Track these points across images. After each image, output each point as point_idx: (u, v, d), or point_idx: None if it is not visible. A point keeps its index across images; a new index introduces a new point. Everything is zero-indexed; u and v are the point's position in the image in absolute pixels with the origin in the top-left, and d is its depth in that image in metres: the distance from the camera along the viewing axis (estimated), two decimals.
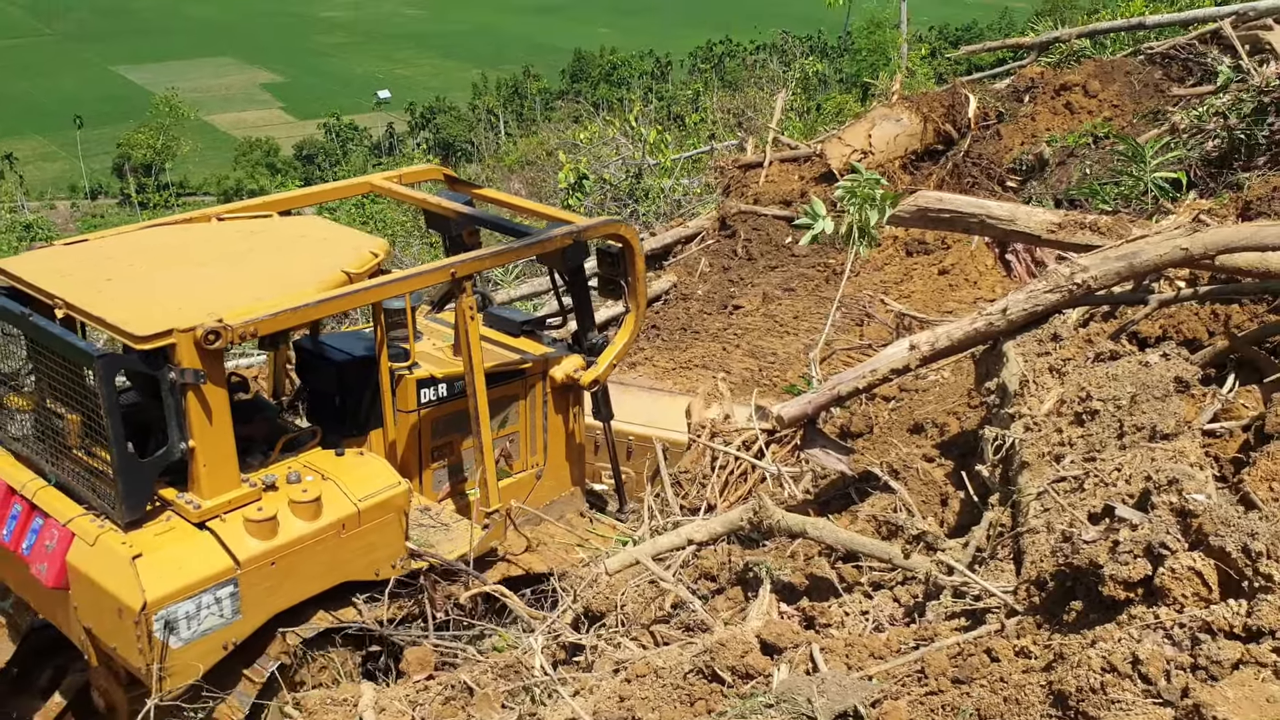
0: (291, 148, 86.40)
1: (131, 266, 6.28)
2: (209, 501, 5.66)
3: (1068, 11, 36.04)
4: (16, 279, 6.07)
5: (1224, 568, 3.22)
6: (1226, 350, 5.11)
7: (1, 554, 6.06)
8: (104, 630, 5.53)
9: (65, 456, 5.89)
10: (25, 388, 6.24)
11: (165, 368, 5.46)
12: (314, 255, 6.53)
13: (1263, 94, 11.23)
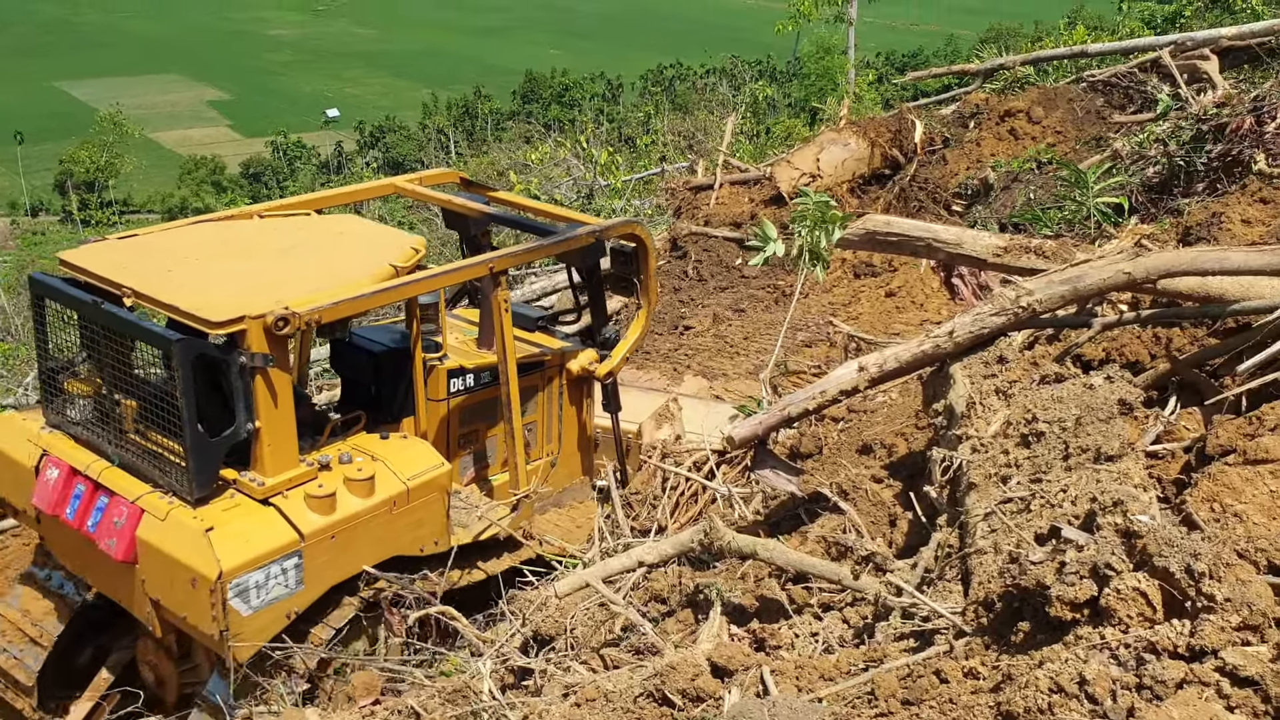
0: (238, 166, 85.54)
1: (188, 259, 6.62)
2: (272, 479, 6.03)
3: (1012, 39, 36.71)
4: (81, 270, 6.39)
5: (1168, 588, 3.26)
6: (1168, 373, 5.19)
7: (62, 533, 6.42)
8: (174, 600, 5.83)
9: (132, 437, 6.21)
10: (88, 373, 6.57)
11: (236, 352, 5.83)
12: (361, 250, 6.95)
13: (1201, 122, 11.49)
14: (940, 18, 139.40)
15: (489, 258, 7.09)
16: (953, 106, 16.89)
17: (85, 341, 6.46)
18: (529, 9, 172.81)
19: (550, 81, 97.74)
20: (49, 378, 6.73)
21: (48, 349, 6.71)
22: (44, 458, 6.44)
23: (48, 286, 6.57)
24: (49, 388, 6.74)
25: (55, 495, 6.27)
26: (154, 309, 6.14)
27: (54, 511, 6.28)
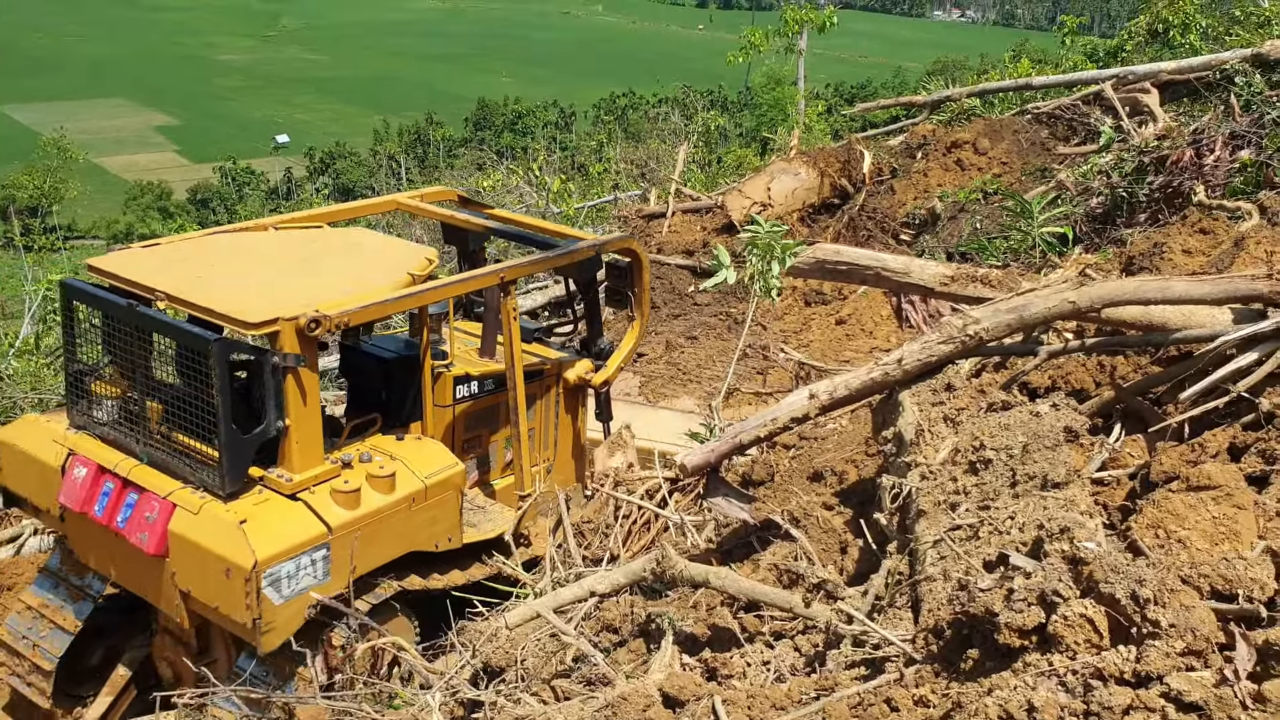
0: (186, 191, 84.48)
1: (214, 266, 6.96)
2: (300, 475, 6.33)
3: (958, 72, 37.33)
4: (111, 275, 6.73)
5: (1114, 614, 3.29)
6: (1113, 400, 5.27)
7: (87, 530, 6.67)
8: (205, 591, 6.08)
9: (162, 436, 6.49)
10: (114, 375, 6.82)
11: (269, 352, 6.14)
12: (378, 259, 7.37)
13: (1143, 154, 11.74)
14: (888, 50, 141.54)
15: (500, 268, 7.54)
16: (900, 137, 17.13)
17: (115, 344, 6.70)
18: (482, 37, 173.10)
19: (503, 109, 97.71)
20: (75, 380, 6.98)
21: (75, 352, 6.96)
22: (70, 457, 6.67)
23: (79, 291, 6.85)
24: (75, 390, 6.98)
25: (83, 493, 6.49)
26: (186, 312, 6.46)
27: (82, 509, 6.47)
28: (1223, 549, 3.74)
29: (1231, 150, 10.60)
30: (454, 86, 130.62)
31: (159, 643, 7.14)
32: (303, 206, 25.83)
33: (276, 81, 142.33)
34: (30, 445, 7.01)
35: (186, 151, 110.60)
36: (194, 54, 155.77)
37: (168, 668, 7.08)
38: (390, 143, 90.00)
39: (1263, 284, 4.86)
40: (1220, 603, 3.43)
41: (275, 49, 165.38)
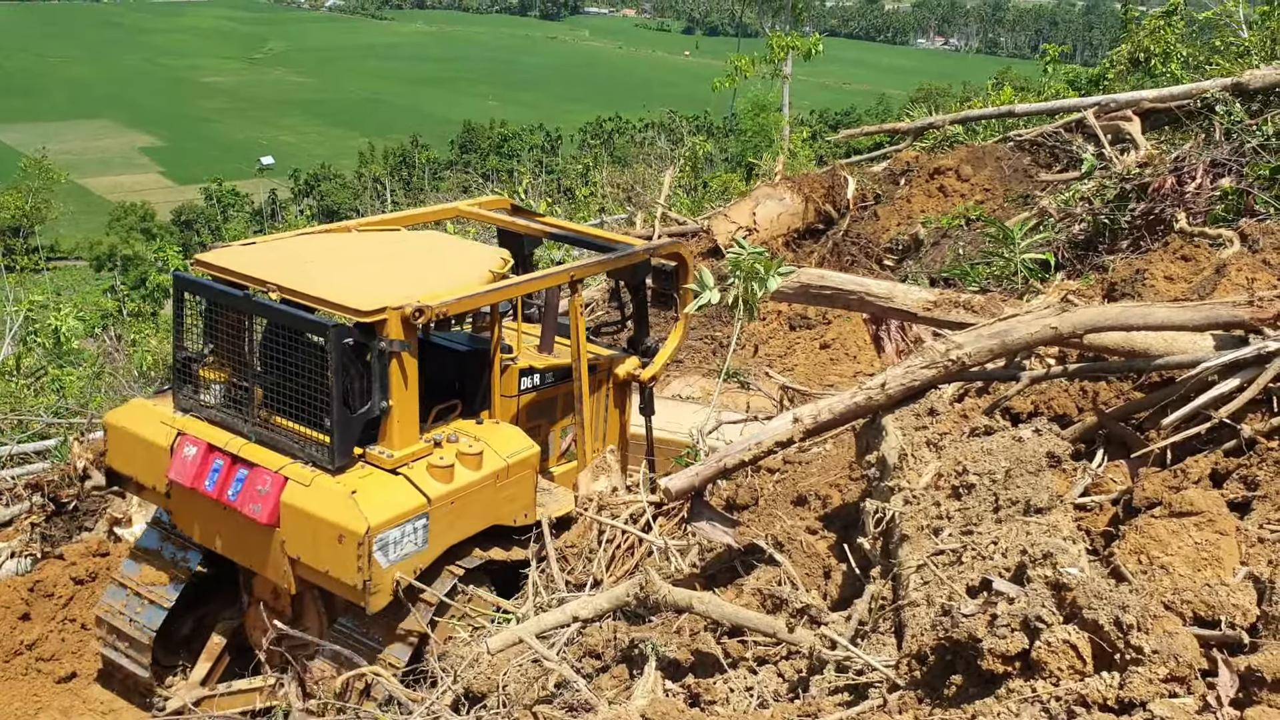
0: (170, 213, 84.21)
1: (314, 262, 7.54)
2: (400, 452, 6.88)
3: (941, 99, 37.61)
4: (222, 269, 7.30)
5: (1097, 640, 3.29)
6: (1095, 426, 5.28)
7: (194, 504, 7.21)
8: (316, 556, 6.64)
9: (271, 415, 7.04)
10: (223, 360, 7.38)
11: (377, 338, 6.67)
12: (462, 258, 8.09)
13: (1124, 181, 11.81)
14: (872, 77, 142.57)
15: (569, 268, 8.23)
16: (884, 164, 17.22)
17: (226, 331, 7.30)
18: (468, 61, 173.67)
19: (489, 132, 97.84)
20: (183, 367, 7.52)
21: (183, 341, 7.56)
22: (180, 437, 7.20)
23: (191, 282, 7.50)
24: (182, 376, 7.52)
25: (194, 469, 7.03)
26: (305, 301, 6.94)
27: (193, 484, 7.01)
28: (1205, 575, 3.75)
29: (1212, 178, 10.68)
30: (440, 109, 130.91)
31: (252, 612, 7.65)
32: (288, 228, 25.81)
33: (262, 103, 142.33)
34: (139, 427, 7.55)
35: (171, 173, 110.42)
36: (179, 76, 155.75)
37: (262, 635, 7.44)
38: (375, 165, 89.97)
39: (1244, 310, 4.89)
40: (1203, 629, 3.43)
41: (261, 71, 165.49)
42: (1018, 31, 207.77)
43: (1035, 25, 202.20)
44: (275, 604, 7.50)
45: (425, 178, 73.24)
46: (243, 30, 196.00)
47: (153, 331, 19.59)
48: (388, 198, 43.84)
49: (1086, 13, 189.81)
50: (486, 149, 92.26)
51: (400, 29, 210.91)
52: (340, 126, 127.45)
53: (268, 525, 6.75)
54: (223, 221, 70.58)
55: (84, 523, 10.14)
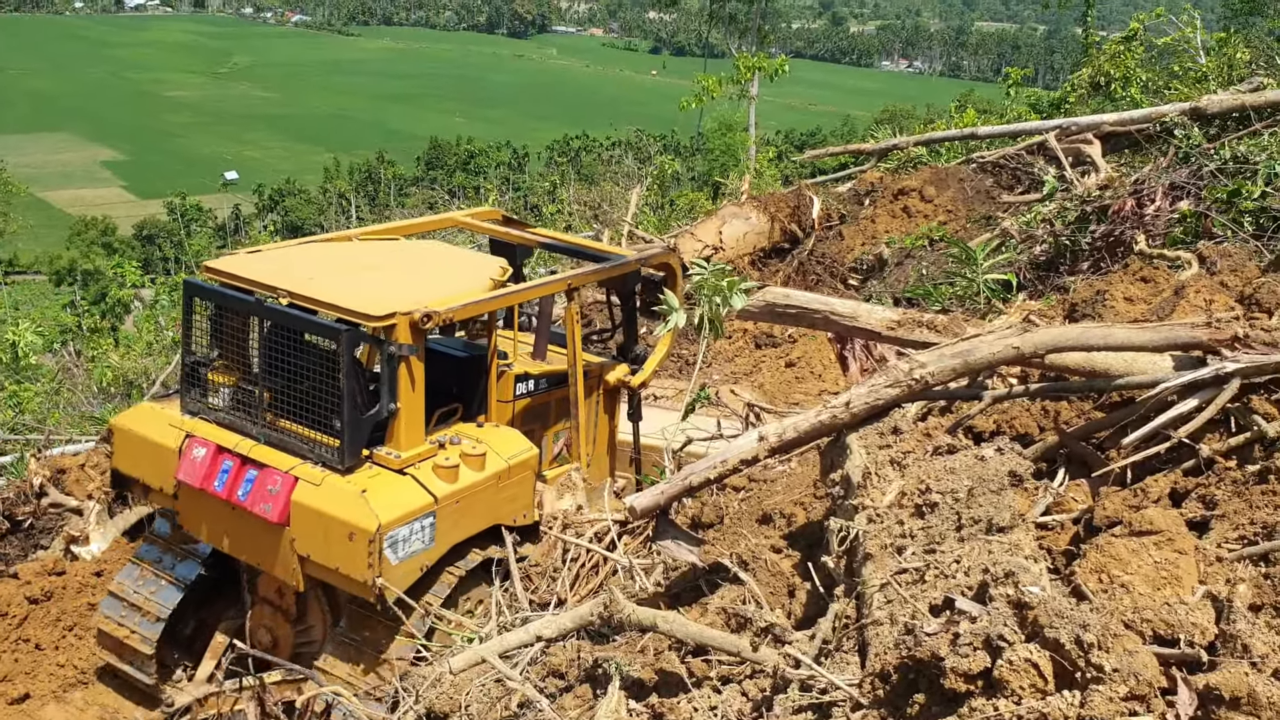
0: (132, 227, 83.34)
1: (320, 269, 7.74)
2: (406, 453, 7.08)
3: (905, 121, 37.95)
4: (231, 276, 7.50)
5: (1058, 659, 3.30)
6: (1056, 445, 5.32)
7: (202, 505, 7.37)
8: (326, 554, 6.79)
9: (281, 418, 7.23)
10: (230, 364, 7.57)
11: (386, 342, 6.90)
12: (463, 266, 8.37)
13: (1085, 203, 11.95)
14: (837, 99, 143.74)
15: (566, 276, 8.53)
16: (849, 184, 17.33)
17: (236, 336, 7.52)
18: (435, 78, 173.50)
19: (455, 148, 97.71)
20: (191, 371, 7.71)
21: (191, 345, 7.75)
22: (188, 439, 7.36)
23: (201, 288, 7.69)
24: (190, 379, 7.70)
25: (203, 471, 7.19)
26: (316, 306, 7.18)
27: (202, 485, 7.17)
28: (1165, 594, 3.78)
29: (1171, 201, 10.83)
30: (406, 125, 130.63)
31: (257, 612, 7.86)
32: (252, 244, 25.69)
33: (226, 118, 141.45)
34: (146, 429, 7.72)
35: (133, 187, 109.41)
36: (143, 90, 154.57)
37: (266, 634, 7.79)
38: (340, 180, 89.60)
39: (1202, 332, 4.96)
40: (1162, 647, 3.46)
41: (226, 86, 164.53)
42: (980, 55, 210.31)
43: (998, 49, 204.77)
44: (279, 603, 7.74)
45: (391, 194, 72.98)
46: (208, 44, 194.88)
47: (111, 347, 19.37)
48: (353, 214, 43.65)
49: (1048, 37, 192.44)
50: (453, 165, 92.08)
51: (367, 45, 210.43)
52: (305, 142, 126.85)
53: (278, 524, 6.91)
54: (185, 236, 69.95)
55: (40, 541, 9.97)
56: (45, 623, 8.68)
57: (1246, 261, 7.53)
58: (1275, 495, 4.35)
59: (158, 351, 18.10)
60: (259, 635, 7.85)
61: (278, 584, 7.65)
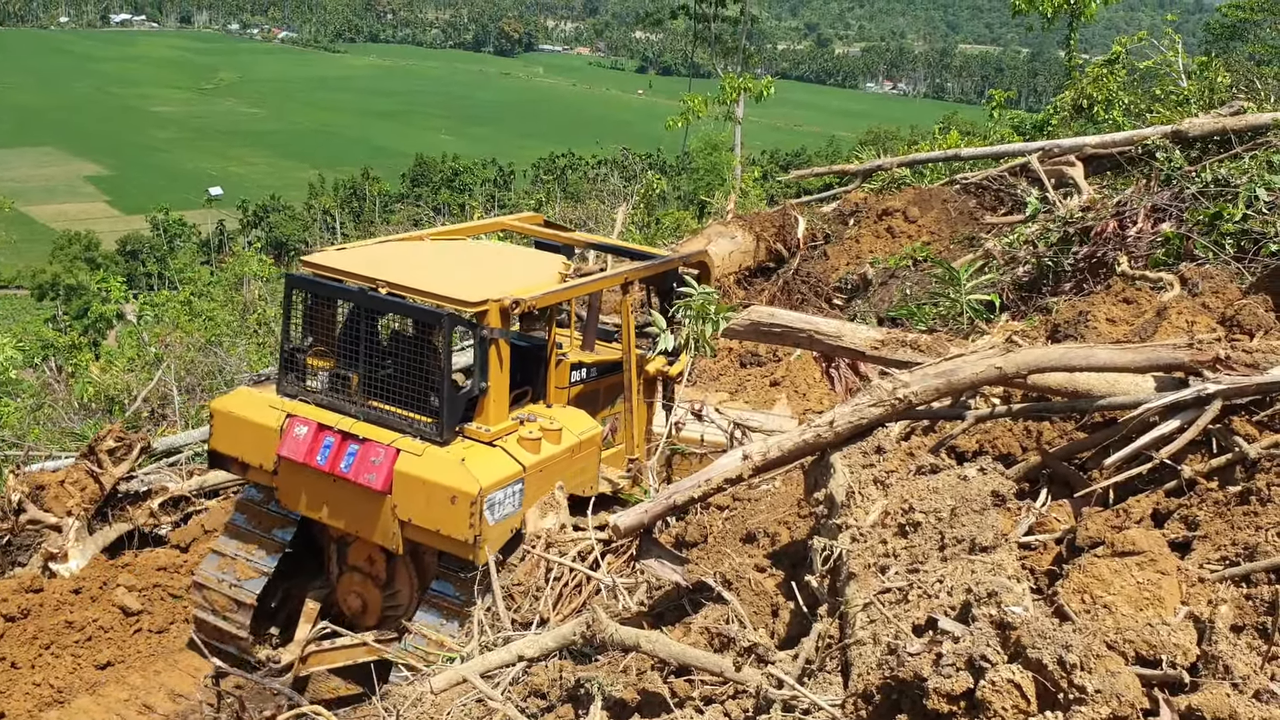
0: (115, 242, 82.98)
1: (409, 263, 8.51)
2: (494, 427, 7.83)
3: (889, 142, 38.15)
4: (332, 269, 8.25)
5: (1041, 680, 3.30)
6: (1039, 465, 5.33)
7: (302, 479, 7.99)
8: (428, 517, 7.47)
9: (379, 397, 7.93)
10: (330, 349, 8.28)
11: (479, 327, 7.68)
12: (532, 262, 9.30)
13: (1068, 224, 12.02)
14: (822, 120, 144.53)
15: (624, 271, 9.21)
16: (834, 204, 17.41)
17: (335, 324, 8.26)
18: (421, 94, 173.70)
19: (441, 165, 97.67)
20: (289, 357, 8.38)
21: (290, 333, 8.44)
22: (289, 419, 7.99)
23: (304, 281, 8.37)
24: (288, 365, 8.38)
25: (305, 446, 7.82)
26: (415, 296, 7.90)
27: (305, 460, 7.81)
28: (1147, 614, 3.78)
29: (1153, 223, 10.89)
30: (392, 142, 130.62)
31: (346, 580, 8.53)
32: (236, 260, 25.69)
33: (211, 134, 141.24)
34: (246, 411, 8.34)
35: (117, 202, 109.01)
36: (128, 104, 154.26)
37: (356, 600, 8.47)
38: (325, 197, 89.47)
39: (1184, 353, 4.98)
40: (1145, 668, 3.46)
41: (211, 101, 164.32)
42: (964, 77, 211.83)
43: (981, 71, 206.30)
44: (369, 570, 8.37)
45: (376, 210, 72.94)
46: (194, 60, 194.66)
47: (93, 362, 19.26)
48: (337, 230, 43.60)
49: (1031, 60, 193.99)
50: (438, 182, 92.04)
51: (353, 62, 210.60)
52: (290, 158, 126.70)
53: (380, 493, 7.55)
54: (169, 252, 69.72)
55: (17, 558, 9.88)
56: (22, 641, 8.60)
57: (1228, 283, 7.57)
58: (1256, 516, 4.36)
59: (140, 367, 18.01)
60: (349, 601, 8.52)
61: (368, 552, 8.32)
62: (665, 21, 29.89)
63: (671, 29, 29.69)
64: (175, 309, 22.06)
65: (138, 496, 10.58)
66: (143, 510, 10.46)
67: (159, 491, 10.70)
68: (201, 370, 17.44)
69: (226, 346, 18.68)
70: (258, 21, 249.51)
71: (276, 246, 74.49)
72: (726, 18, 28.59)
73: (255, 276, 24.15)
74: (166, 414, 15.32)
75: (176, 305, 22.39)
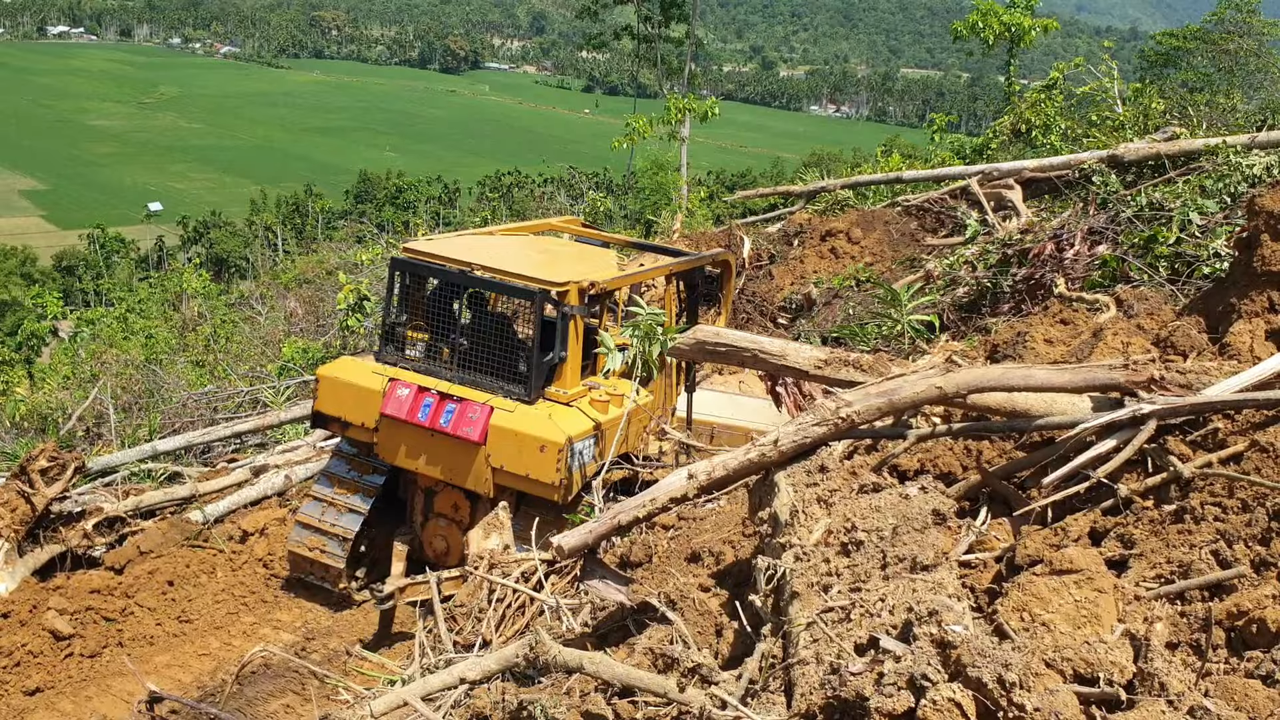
0: (51, 258, 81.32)
1: (493, 252, 9.88)
2: (570, 391, 9.28)
3: (833, 163, 38.54)
4: (430, 255, 9.70)
5: (981, 698, 3.32)
6: (979, 484, 5.38)
7: (402, 434, 9.33)
8: (519, 464, 8.86)
9: (472, 363, 9.40)
10: (427, 322, 9.73)
11: (561, 304, 9.10)
12: (591, 254, 10.87)
13: (1006, 246, 12.20)
14: (767, 141, 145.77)
15: (667, 264, 10.85)
16: (779, 225, 17.53)
17: (433, 301, 9.72)
18: (366, 111, 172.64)
19: (385, 182, 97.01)
20: (390, 330, 9.88)
21: (390, 310, 9.90)
22: (391, 382, 9.40)
23: (410, 264, 9.80)
24: (389, 337, 9.88)
25: (408, 405, 9.20)
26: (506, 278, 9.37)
27: (408, 417, 9.20)
28: (1084, 632, 3.82)
29: (1090, 245, 11.08)
30: (335, 159, 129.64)
31: (431, 526, 9.92)
32: (176, 276, 25.33)
33: (151, 148, 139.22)
34: (351, 377, 9.74)
35: (53, 217, 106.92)
36: (65, 118, 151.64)
37: (441, 542, 9.83)
38: (267, 213, 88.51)
39: (1119, 373, 5.06)
40: (1082, 686, 3.49)
41: (151, 116, 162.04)
42: (906, 101, 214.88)
43: (923, 95, 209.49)
44: (454, 516, 9.76)
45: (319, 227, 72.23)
46: (134, 74, 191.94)
47: (24, 380, 18.83)
48: (279, 247, 43.10)
49: (971, 85, 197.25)
50: (382, 199, 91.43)
51: (297, 78, 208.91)
52: (232, 174, 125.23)
53: (476, 443, 8.93)
54: (105, 268, 68.50)
55: None
56: None
57: (1162, 305, 7.72)
58: (1190, 534, 4.43)
59: (75, 385, 17.64)
60: (434, 544, 9.87)
61: (453, 500, 9.72)
62: (610, 42, 29.94)
63: (617, 49, 29.78)
64: (112, 326, 21.65)
65: (71, 517, 10.35)
66: (76, 531, 10.24)
67: (93, 512, 10.48)
68: (139, 388, 17.12)
69: (165, 364, 18.35)
70: (200, 36, 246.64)
71: (217, 263, 73.48)
72: (671, 39, 28.73)
73: (196, 293, 23.80)
74: (102, 433, 15.01)
75: (113, 322, 21.98)
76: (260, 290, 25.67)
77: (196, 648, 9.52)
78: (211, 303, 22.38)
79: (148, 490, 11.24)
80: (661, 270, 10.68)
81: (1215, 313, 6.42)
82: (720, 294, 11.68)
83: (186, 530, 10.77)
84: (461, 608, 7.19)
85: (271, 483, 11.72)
